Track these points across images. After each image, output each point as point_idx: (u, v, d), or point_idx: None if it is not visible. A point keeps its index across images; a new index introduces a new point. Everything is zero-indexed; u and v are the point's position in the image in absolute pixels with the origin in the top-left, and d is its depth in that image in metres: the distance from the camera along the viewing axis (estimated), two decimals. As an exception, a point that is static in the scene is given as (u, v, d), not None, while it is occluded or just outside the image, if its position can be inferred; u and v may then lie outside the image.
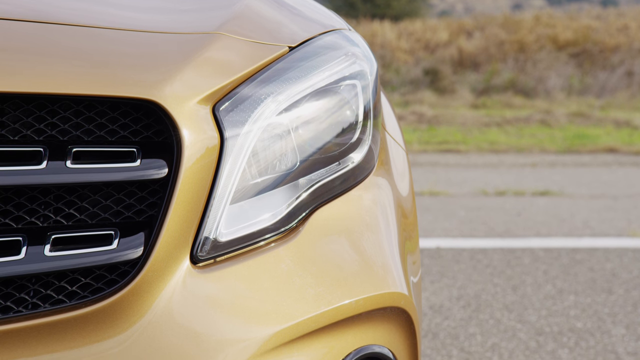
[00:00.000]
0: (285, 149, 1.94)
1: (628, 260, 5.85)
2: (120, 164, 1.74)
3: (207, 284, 1.80)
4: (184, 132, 1.77)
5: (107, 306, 1.71)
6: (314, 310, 1.86)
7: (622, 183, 8.99)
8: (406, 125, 13.15)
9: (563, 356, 4.23)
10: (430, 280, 5.42)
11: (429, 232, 6.75)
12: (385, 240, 2.05)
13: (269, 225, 1.89)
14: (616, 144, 11.46)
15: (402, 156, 2.41)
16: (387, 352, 1.96)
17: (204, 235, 1.80)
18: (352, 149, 2.06)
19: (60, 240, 1.71)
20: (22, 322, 1.68)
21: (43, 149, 1.70)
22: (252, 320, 1.80)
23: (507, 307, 4.92)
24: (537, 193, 8.38)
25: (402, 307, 2.01)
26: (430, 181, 8.85)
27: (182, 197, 1.77)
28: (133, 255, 1.73)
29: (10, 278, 1.68)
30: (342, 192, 2.03)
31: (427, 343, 4.40)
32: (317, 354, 1.86)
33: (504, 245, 6.31)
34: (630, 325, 4.65)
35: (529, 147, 11.42)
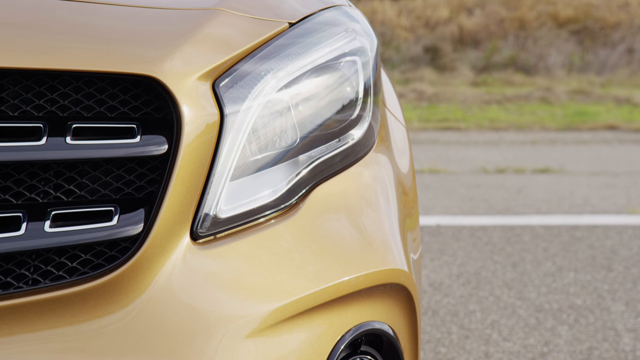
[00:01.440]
0: (285, 125, 1.94)
1: (628, 238, 5.85)
2: (120, 140, 1.74)
3: (207, 261, 1.80)
4: (184, 108, 1.77)
5: (107, 282, 1.71)
6: (313, 287, 1.86)
7: (622, 160, 8.98)
8: (406, 103, 13.14)
9: (562, 333, 4.24)
10: (430, 258, 5.42)
11: (429, 209, 6.75)
12: (385, 217, 2.05)
13: (269, 202, 1.89)
14: (616, 121, 11.45)
15: (402, 133, 2.41)
16: (387, 329, 1.96)
17: (204, 212, 1.80)
18: (352, 125, 2.06)
19: (60, 216, 1.71)
20: (22, 298, 1.68)
21: (43, 125, 1.70)
22: (252, 296, 1.81)
23: (506, 284, 4.93)
24: (537, 170, 8.38)
25: (402, 283, 2.01)
26: (430, 159, 8.84)
27: (182, 174, 1.77)
28: (133, 232, 1.73)
29: (10, 254, 1.68)
30: (342, 168, 2.02)
31: (426, 320, 4.41)
32: (317, 330, 1.86)
33: (503, 223, 6.31)
34: (629, 302, 4.65)
35: (529, 125, 11.42)
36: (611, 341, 4.15)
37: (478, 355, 3.99)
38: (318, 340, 1.86)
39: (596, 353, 4.01)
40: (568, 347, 4.07)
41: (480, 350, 4.05)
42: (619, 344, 4.12)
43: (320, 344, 1.86)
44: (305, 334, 1.84)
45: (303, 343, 1.84)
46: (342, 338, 1.89)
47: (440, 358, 3.97)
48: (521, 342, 4.14)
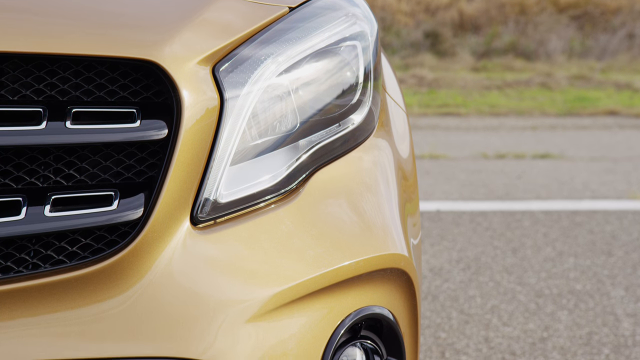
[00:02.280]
0: (285, 110, 1.93)
1: (628, 223, 5.85)
2: (120, 124, 1.74)
3: (207, 245, 1.80)
4: (184, 93, 1.76)
5: (107, 267, 1.72)
6: (314, 272, 1.86)
7: (623, 146, 8.98)
8: (406, 89, 13.13)
9: (562, 318, 4.24)
10: (430, 243, 5.43)
11: (429, 195, 6.76)
12: (385, 202, 2.05)
13: (269, 186, 1.89)
14: (617, 106, 11.45)
15: (402, 118, 2.41)
16: (387, 313, 1.97)
17: (204, 197, 1.80)
18: (353, 110, 2.06)
19: (60, 200, 1.71)
20: (22, 282, 1.68)
21: (42, 109, 1.70)
22: (252, 281, 1.81)
23: (506, 269, 4.93)
24: (537, 156, 8.37)
25: (402, 268, 2.01)
26: (430, 144, 8.84)
27: (182, 159, 1.77)
28: (133, 216, 1.73)
29: (10, 238, 1.68)
30: (342, 153, 2.02)
31: (426, 305, 4.41)
32: (317, 315, 1.86)
33: (504, 208, 6.31)
34: (629, 287, 4.66)
35: (529, 110, 11.41)
36: (611, 326, 4.15)
37: (478, 340, 4.00)
38: (318, 324, 1.86)
39: (596, 338, 4.01)
40: (568, 332, 4.08)
41: (480, 335, 4.05)
42: (619, 328, 4.12)
43: (320, 328, 1.86)
44: (305, 318, 1.85)
45: (303, 327, 1.84)
46: (342, 323, 1.89)
47: (440, 343, 3.97)
48: (521, 327, 4.15)
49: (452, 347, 3.92)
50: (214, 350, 1.74)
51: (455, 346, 3.94)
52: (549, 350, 3.88)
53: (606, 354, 3.85)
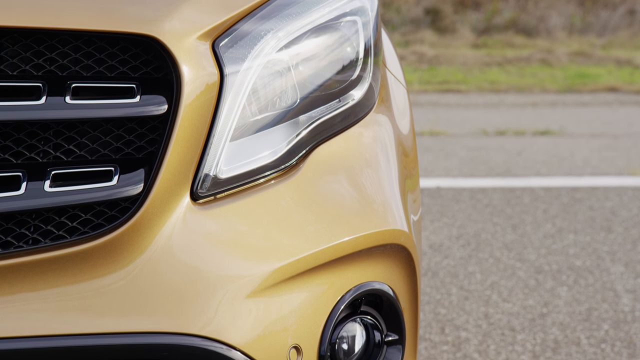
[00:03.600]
0: (286, 86, 1.93)
1: (628, 199, 5.85)
2: (120, 100, 1.73)
3: (207, 221, 1.80)
4: (184, 68, 1.76)
5: (107, 242, 1.72)
6: (314, 247, 1.86)
7: (623, 122, 8.97)
8: (407, 65, 13.10)
9: (562, 294, 4.25)
10: (430, 220, 5.43)
11: (429, 171, 6.75)
12: (385, 178, 2.05)
13: (269, 162, 1.89)
14: (617, 83, 11.43)
15: (402, 93, 2.40)
16: (387, 289, 1.97)
17: (204, 172, 1.80)
18: (353, 86, 2.05)
19: (60, 176, 1.71)
20: (22, 257, 1.69)
21: (42, 84, 1.69)
22: (253, 256, 1.81)
23: (506, 245, 4.94)
24: (537, 132, 8.37)
25: (402, 244, 2.01)
26: (430, 121, 8.83)
27: (182, 134, 1.76)
28: (133, 192, 1.73)
29: (10, 213, 1.68)
30: (342, 129, 2.02)
31: (426, 281, 4.41)
32: (318, 291, 1.87)
33: (504, 185, 6.31)
34: (629, 263, 4.66)
35: (529, 87, 11.39)
36: (610, 302, 4.16)
37: (477, 316, 4.00)
38: (318, 300, 1.86)
39: (595, 314, 4.02)
40: (567, 308, 4.09)
41: (479, 311, 4.06)
42: (618, 304, 4.13)
43: (320, 303, 1.86)
44: (305, 294, 1.85)
45: (303, 303, 1.84)
46: (342, 298, 1.89)
47: (440, 319, 3.98)
48: (520, 303, 4.16)
49: (452, 323, 3.93)
50: (214, 326, 1.75)
51: (455, 322, 3.95)
52: (548, 326, 3.89)
53: (605, 329, 3.85)
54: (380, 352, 1.96)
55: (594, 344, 3.72)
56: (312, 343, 1.85)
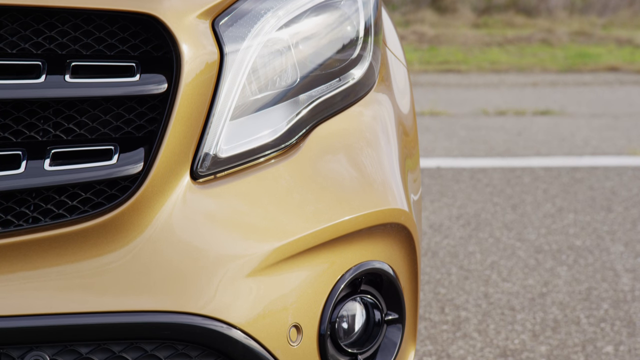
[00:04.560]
0: (286, 65, 1.93)
1: (628, 179, 5.85)
2: (120, 78, 1.73)
3: (207, 200, 1.80)
4: (183, 46, 1.76)
5: (107, 221, 1.72)
6: (313, 227, 1.86)
7: (623, 102, 8.96)
8: (407, 45, 13.07)
9: (562, 273, 4.25)
10: (430, 200, 5.43)
11: (430, 151, 6.75)
12: (385, 157, 2.05)
13: (269, 141, 1.88)
14: (618, 62, 11.41)
15: (403, 73, 2.40)
16: (387, 268, 1.97)
17: (204, 151, 1.80)
18: (353, 65, 2.05)
19: (60, 154, 1.71)
20: (22, 236, 1.69)
21: (42, 62, 1.69)
22: (253, 235, 1.81)
23: (506, 225, 4.94)
24: (537, 112, 8.36)
25: (402, 223, 2.01)
26: (430, 101, 8.82)
27: (181, 113, 1.76)
28: (133, 171, 1.73)
29: (10, 192, 1.68)
30: (342, 108, 2.02)
31: (426, 261, 4.42)
32: (318, 270, 1.87)
33: (504, 165, 6.31)
34: (628, 242, 4.67)
35: (530, 67, 11.37)
36: (610, 281, 4.17)
37: (477, 295, 4.01)
38: (318, 279, 1.86)
39: (595, 293, 4.03)
40: (567, 288, 4.09)
41: (479, 290, 4.07)
42: (618, 284, 4.14)
43: (320, 283, 1.87)
44: (305, 273, 1.85)
45: (303, 282, 1.84)
46: (342, 277, 1.89)
47: (439, 299, 3.99)
48: (520, 282, 4.16)
49: (452, 303, 3.94)
50: (215, 305, 1.75)
51: (455, 302, 3.95)
52: (548, 306, 3.90)
53: (605, 309, 3.86)
54: (380, 331, 1.96)
55: (593, 323, 3.73)
56: (312, 322, 1.85)
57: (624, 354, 3.45)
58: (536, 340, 3.57)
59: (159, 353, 1.74)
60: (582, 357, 3.42)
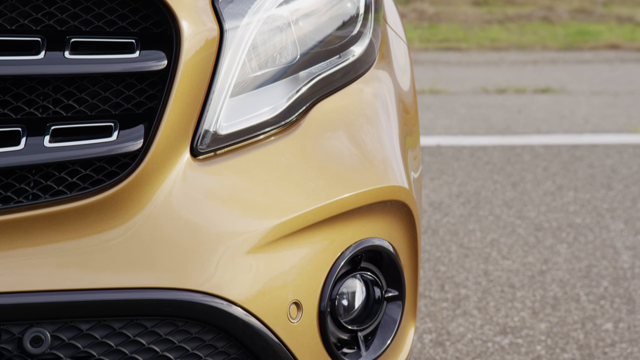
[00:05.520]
0: (286, 41, 1.92)
1: (628, 156, 5.85)
2: (119, 55, 1.73)
3: (207, 177, 1.80)
4: (183, 23, 1.75)
5: (107, 198, 1.72)
6: (314, 204, 1.86)
7: (624, 79, 8.94)
8: (407, 23, 13.04)
9: (562, 251, 4.26)
10: (430, 178, 5.43)
11: (430, 129, 6.74)
12: (385, 134, 2.05)
13: (269, 118, 1.88)
14: (618, 40, 11.37)
15: (403, 50, 2.39)
16: (387, 245, 1.97)
17: (204, 128, 1.80)
18: (353, 42, 2.04)
19: (59, 131, 1.71)
20: (22, 213, 1.69)
21: (41, 39, 1.69)
22: (253, 213, 1.81)
23: (506, 203, 4.94)
24: (538, 90, 8.34)
25: (402, 200, 2.01)
26: (431, 79, 8.80)
27: (181, 90, 1.76)
28: (133, 148, 1.73)
29: (10, 168, 1.68)
30: (342, 85, 2.01)
31: (426, 239, 4.42)
32: (318, 247, 1.87)
33: (504, 143, 6.30)
34: (628, 220, 4.67)
35: (530, 44, 11.35)
36: (610, 259, 4.17)
37: (477, 273, 4.01)
38: (318, 256, 1.87)
39: (595, 270, 4.03)
40: (567, 265, 4.10)
41: (479, 268, 4.07)
42: (618, 261, 4.14)
43: (320, 260, 1.87)
44: (305, 250, 1.85)
45: (303, 259, 1.85)
46: (342, 254, 1.90)
47: (439, 276, 3.99)
48: (520, 260, 4.17)
49: (452, 280, 3.95)
50: (215, 282, 1.75)
51: (455, 279, 3.96)
52: (547, 283, 3.90)
53: (605, 286, 3.87)
54: (380, 308, 1.97)
55: (593, 300, 3.73)
56: (312, 299, 1.85)
57: (624, 331, 3.46)
58: (536, 317, 3.58)
59: (159, 330, 1.74)
60: (581, 334, 3.43)
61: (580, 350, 3.31)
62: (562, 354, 3.28)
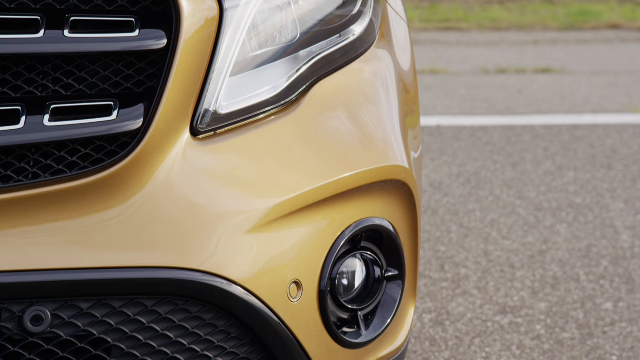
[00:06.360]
0: (286, 20, 1.92)
1: (628, 136, 5.84)
2: (119, 34, 1.72)
3: (207, 156, 1.80)
4: (183, 2, 1.75)
5: (107, 177, 1.72)
6: (314, 183, 1.86)
7: (624, 59, 8.92)
8: (407, 3, 13.01)
9: (562, 231, 4.25)
10: (430, 158, 5.42)
11: (430, 110, 6.73)
12: (386, 114, 2.05)
13: (269, 97, 1.88)
14: (619, 20, 11.34)
15: (404, 29, 2.39)
16: (387, 225, 1.97)
17: (204, 108, 1.80)
18: (353, 21, 2.04)
19: (59, 110, 1.71)
20: (22, 192, 1.69)
21: (40, 17, 1.68)
22: (253, 192, 1.81)
23: (506, 183, 4.94)
24: (538, 70, 8.33)
25: (402, 180, 2.01)
26: (431, 59, 8.79)
27: (181, 69, 1.76)
28: (133, 127, 1.73)
29: (10, 147, 1.68)
30: (342, 65, 2.01)
31: (426, 219, 4.42)
32: (318, 226, 1.87)
33: (504, 123, 6.29)
34: (628, 200, 4.67)
35: (530, 25, 11.32)
36: (610, 239, 4.17)
37: (477, 253, 4.02)
38: (319, 236, 1.87)
39: (595, 250, 4.03)
40: (567, 245, 4.10)
41: (479, 248, 4.07)
42: (618, 241, 4.14)
43: (320, 239, 1.87)
44: (305, 229, 1.85)
45: (304, 239, 1.85)
46: (342, 234, 1.90)
47: (439, 256, 3.99)
48: (520, 240, 4.17)
49: (452, 260, 3.95)
50: (215, 261, 1.75)
51: (455, 259, 3.96)
52: (547, 263, 3.91)
53: (605, 266, 3.87)
54: (380, 288, 1.97)
55: (593, 280, 3.74)
56: (313, 278, 1.85)
57: (623, 310, 3.46)
58: (535, 297, 3.59)
59: (160, 309, 1.74)
60: (581, 313, 3.43)
61: (580, 329, 3.32)
62: (562, 333, 3.29)
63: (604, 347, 3.20)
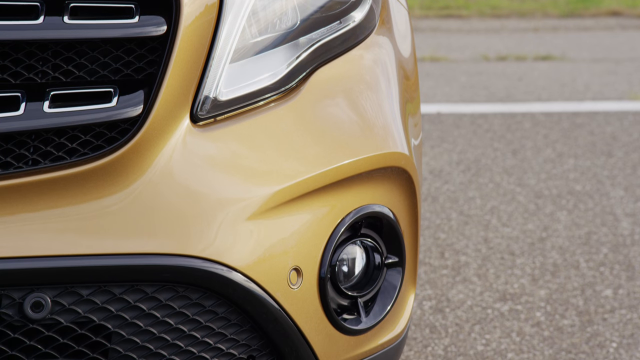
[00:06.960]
0: (286, 7, 1.91)
1: (628, 124, 5.84)
2: (119, 20, 1.72)
3: (207, 143, 1.80)
4: (183, -12, 1.75)
5: (107, 164, 1.72)
6: (314, 170, 1.86)
7: (625, 47, 8.91)
8: (407, -10, 12.98)
9: (562, 218, 4.26)
10: (430, 145, 5.42)
11: (430, 97, 6.72)
12: (386, 101, 2.04)
13: (269, 84, 1.88)
14: (620, 7, 11.32)
15: (404, 16, 2.38)
16: (387, 212, 1.97)
17: (204, 94, 1.80)
18: (353, 7, 2.03)
19: (59, 97, 1.70)
20: (22, 178, 1.69)
21: (40, 3, 1.68)
22: (253, 179, 1.81)
23: (506, 171, 4.94)
24: (538, 58, 8.31)
25: (402, 167, 2.01)
26: (431, 47, 8.77)
27: (181, 55, 1.75)
28: (133, 113, 1.73)
29: (9, 134, 1.68)
30: (342, 51, 2.01)
31: (426, 207, 4.42)
32: (318, 213, 1.87)
33: (504, 110, 6.29)
34: (628, 187, 4.67)
35: (531, 12, 11.30)
36: (610, 226, 4.17)
37: (477, 240, 4.02)
38: (319, 223, 1.87)
39: (595, 237, 4.03)
40: (567, 232, 4.10)
41: (479, 235, 4.07)
42: (618, 228, 4.14)
43: (320, 226, 1.87)
44: (306, 216, 1.85)
45: (304, 225, 1.85)
46: (342, 221, 1.90)
47: (439, 243, 4.00)
48: (520, 227, 4.17)
49: (452, 248, 3.95)
50: (215, 248, 1.75)
51: (455, 246, 3.96)
52: (547, 250, 3.91)
53: (605, 253, 3.87)
54: (380, 274, 1.97)
55: (592, 267, 3.74)
56: (313, 265, 1.85)
57: (623, 297, 3.47)
58: (535, 284, 3.59)
59: (160, 295, 1.74)
60: (581, 300, 3.43)
61: (580, 316, 3.32)
62: (562, 320, 3.29)
63: (603, 334, 3.20)
